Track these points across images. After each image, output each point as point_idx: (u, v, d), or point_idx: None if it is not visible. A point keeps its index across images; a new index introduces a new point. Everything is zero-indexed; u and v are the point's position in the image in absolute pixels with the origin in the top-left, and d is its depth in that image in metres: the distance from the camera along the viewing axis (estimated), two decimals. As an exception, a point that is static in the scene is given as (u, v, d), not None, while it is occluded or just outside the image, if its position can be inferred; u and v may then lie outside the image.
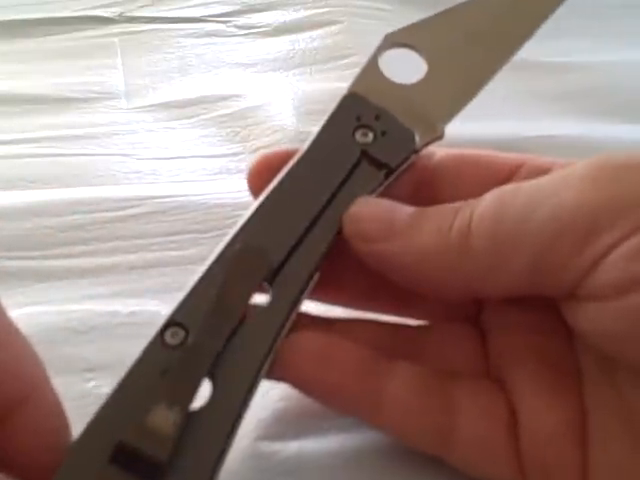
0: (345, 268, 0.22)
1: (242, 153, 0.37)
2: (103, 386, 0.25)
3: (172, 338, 0.19)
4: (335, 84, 0.40)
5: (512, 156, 0.23)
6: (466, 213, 0.19)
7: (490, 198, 0.19)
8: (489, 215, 0.19)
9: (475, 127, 0.34)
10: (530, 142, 0.36)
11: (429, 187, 0.23)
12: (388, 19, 0.47)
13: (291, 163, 0.22)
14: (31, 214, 0.31)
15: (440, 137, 0.24)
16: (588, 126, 0.38)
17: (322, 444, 0.23)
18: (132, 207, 0.32)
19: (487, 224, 0.19)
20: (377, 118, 0.23)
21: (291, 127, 0.37)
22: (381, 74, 0.25)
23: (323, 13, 0.47)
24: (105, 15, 0.49)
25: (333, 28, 0.46)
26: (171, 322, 0.19)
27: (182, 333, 0.19)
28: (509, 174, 0.22)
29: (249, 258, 0.20)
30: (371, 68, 0.25)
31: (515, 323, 0.22)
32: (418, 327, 0.23)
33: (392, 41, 0.26)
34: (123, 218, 0.31)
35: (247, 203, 0.31)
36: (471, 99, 0.25)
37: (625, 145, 0.36)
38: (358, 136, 0.23)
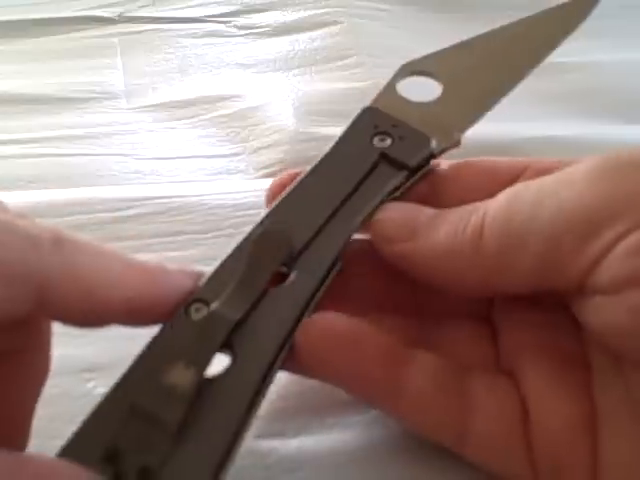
0: (356, 278, 0.23)
1: (242, 153, 0.37)
2: (102, 386, 0.25)
3: (195, 313, 0.20)
4: (335, 84, 0.40)
5: (515, 160, 0.24)
6: (479, 213, 0.20)
7: (501, 198, 0.20)
8: (500, 215, 0.20)
9: (475, 128, 0.34)
10: (530, 143, 0.36)
11: (435, 197, 0.24)
12: (388, 19, 0.47)
13: (313, 164, 0.24)
14: (31, 214, 0.31)
15: (457, 144, 0.25)
16: (588, 126, 0.38)
17: (322, 442, 0.23)
18: (132, 207, 0.32)
19: (498, 224, 0.20)
20: (394, 126, 0.24)
21: (291, 127, 0.37)
22: (398, 95, 0.26)
23: (323, 13, 0.47)
24: (105, 15, 0.49)
25: (333, 28, 0.46)
26: (196, 299, 0.20)
27: (206, 309, 0.20)
28: (514, 178, 0.23)
29: (272, 239, 0.21)
30: (388, 91, 0.26)
31: (525, 319, 0.22)
32: (431, 319, 0.24)
33: (409, 69, 0.27)
34: (123, 219, 0.31)
35: (247, 204, 0.31)
36: (486, 112, 0.26)
37: (625, 145, 0.36)
38: (376, 141, 0.24)
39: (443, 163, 0.25)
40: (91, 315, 0.18)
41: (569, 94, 0.41)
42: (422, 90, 0.26)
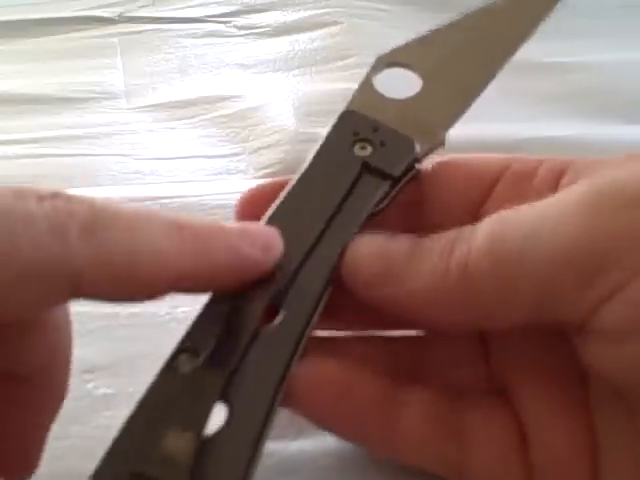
0: (338, 293, 0.22)
1: (242, 153, 0.37)
2: (102, 387, 0.25)
3: (184, 365, 0.18)
4: (335, 85, 0.40)
5: (497, 158, 0.23)
6: (462, 250, 0.18)
7: (485, 232, 0.18)
8: (485, 252, 0.18)
9: (475, 129, 0.34)
10: (530, 143, 0.36)
11: (418, 202, 0.23)
12: (388, 20, 0.47)
13: (291, 183, 0.22)
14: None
15: (441, 144, 0.23)
16: (588, 127, 0.38)
17: (322, 444, 0.23)
18: (132, 208, 0.32)
19: (485, 263, 0.18)
20: (375, 130, 0.23)
21: (291, 128, 0.37)
22: (376, 92, 0.24)
23: (323, 14, 0.47)
24: (105, 15, 0.49)
25: (333, 29, 0.46)
26: (182, 349, 0.19)
27: (194, 359, 0.18)
28: (495, 177, 0.22)
29: (255, 279, 0.20)
30: (365, 87, 0.25)
31: (517, 336, 0.21)
32: (420, 340, 0.23)
33: (385, 61, 0.25)
34: (123, 219, 0.31)
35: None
36: (468, 106, 0.24)
37: (625, 145, 0.36)
38: (357, 150, 0.23)
39: (428, 161, 0.23)
40: (136, 294, 0.17)
41: (569, 94, 0.41)
42: (401, 84, 0.25)
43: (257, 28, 0.48)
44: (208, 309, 0.20)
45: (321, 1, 0.48)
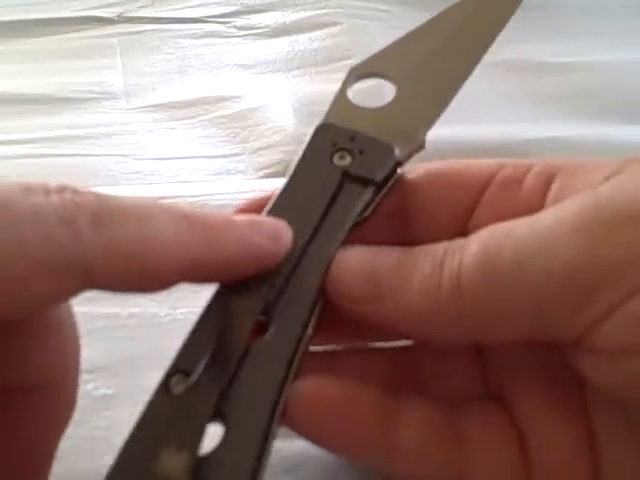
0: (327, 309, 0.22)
1: (242, 154, 0.37)
2: (102, 387, 0.25)
3: (176, 386, 0.18)
4: (335, 86, 0.40)
5: (485, 164, 0.22)
6: (454, 265, 0.18)
7: (477, 248, 0.18)
8: (478, 269, 0.18)
9: (475, 130, 0.34)
10: (531, 144, 0.36)
11: (404, 212, 0.22)
12: (387, 20, 0.47)
13: (273, 199, 0.22)
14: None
15: (422, 146, 0.23)
16: (589, 127, 0.38)
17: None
18: (132, 208, 0.32)
19: (478, 279, 0.18)
20: (353, 140, 0.23)
21: (290, 128, 0.37)
22: (351, 103, 0.24)
23: (322, 14, 0.47)
24: (105, 15, 0.49)
25: (332, 29, 0.46)
26: (174, 370, 0.18)
27: (186, 380, 0.18)
28: (483, 185, 0.22)
29: (245, 290, 0.19)
30: (340, 100, 0.24)
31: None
32: (417, 349, 0.23)
33: (358, 73, 0.25)
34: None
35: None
36: (446, 107, 0.24)
37: (626, 146, 0.36)
38: (336, 160, 0.22)
39: (413, 169, 0.23)
40: (147, 284, 0.17)
41: (570, 94, 0.41)
42: (375, 94, 0.25)
43: (257, 29, 0.48)
44: (198, 328, 0.19)
45: (321, 1, 0.48)
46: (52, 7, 0.49)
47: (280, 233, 0.20)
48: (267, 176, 0.36)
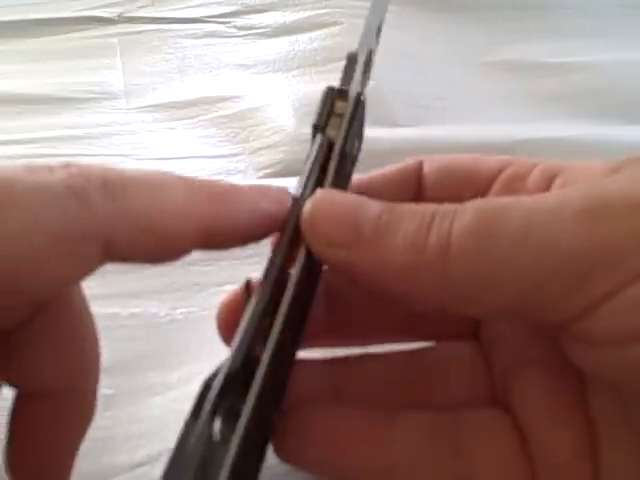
0: (334, 312, 0.22)
1: (242, 154, 0.37)
2: (102, 387, 0.25)
3: None
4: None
5: (492, 161, 0.22)
6: (444, 226, 0.17)
7: (472, 213, 0.17)
8: (474, 233, 0.17)
9: (476, 130, 0.34)
10: (530, 144, 0.36)
11: (409, 199, 0.22)
12: (388, 20, 0.47)
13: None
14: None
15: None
16: (589, 127, 0.38)
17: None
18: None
19: (472, 245, 0.17)
20: None
21: (290, 128, 0.37)
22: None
23: (322, 14, 0.47)
24: (105, 15, 0.49)
25: (332, 29, 0.46)
26: None
27: None
28: (490, 181, 0.22)
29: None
30: None
31: (512, 336, 0.21)
32: (421, 354, 0.23)
33: None
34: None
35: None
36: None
37: (625, 146, 0.36)
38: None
39: (423, 162, 0.23)
40: (163, 252, 0.17)
41: (569, 94, 0.41)
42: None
43: (257, 28, 0.48)
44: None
45: (321, 1, 0.48)
46: (52, 7, 0.49)
47: (282, 197, 0.19)
48: (267, 176, 0.36)
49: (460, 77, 0.42)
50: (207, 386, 0.17)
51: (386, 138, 0.36)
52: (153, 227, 0.16)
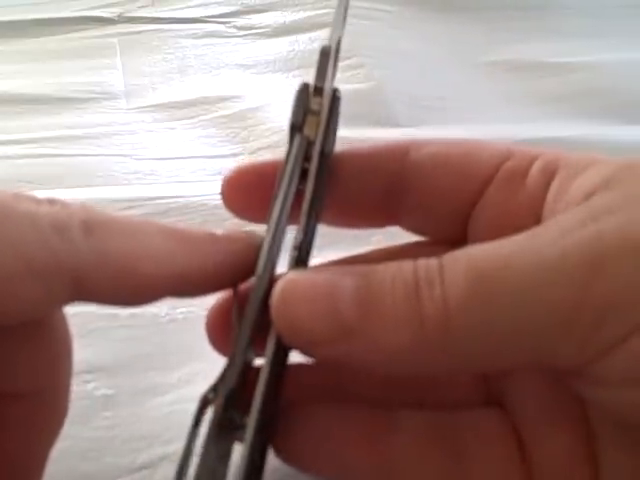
0: None
1: (242, 154, 0.37)
2: (102, 388, 0.25)
3: None
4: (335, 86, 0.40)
5: (489, 153, 0.21)
6: (436, 293, 0.16)
7: (464, 276, 0.16)
8: (470, 299, 0.16)
9: (476, 130, 0.34)
10: (530, 145, 0.35)
11: (400, 186, 0.21)
12: (388, 20, 0.47)
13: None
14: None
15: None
16: (589, 127, 0.38)
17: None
18: (131, 208, 0.32)
19: (471, 313, 0.16)
20: None
21: (291, 128, 0.37)
22: None
23: (323, 14, 0.47)
24: (105, 15, 0.49)
25: (333, 29, 0.46)
26: None
27: None
28: (487, 178, 0.21)
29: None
30: None
31: None
32: None
33: None
34: (123, 219, 0.31)
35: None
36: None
37: (626, 146, 0.36)
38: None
39: (414, 148, 0.21)
40: (135, 295, 0.17)
41: (570, 94, 0.41)
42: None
43: (257, 28, 0.48)
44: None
45: (321, 1, 0.48)
46: (52, 7, 0.50)
47: (253, 242, 0.19)
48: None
49: (461, 77, 0.42)
50: (205, 400, 0.17)
51: (387, 138, 0.36)
52: (128, 269, 0.16)
